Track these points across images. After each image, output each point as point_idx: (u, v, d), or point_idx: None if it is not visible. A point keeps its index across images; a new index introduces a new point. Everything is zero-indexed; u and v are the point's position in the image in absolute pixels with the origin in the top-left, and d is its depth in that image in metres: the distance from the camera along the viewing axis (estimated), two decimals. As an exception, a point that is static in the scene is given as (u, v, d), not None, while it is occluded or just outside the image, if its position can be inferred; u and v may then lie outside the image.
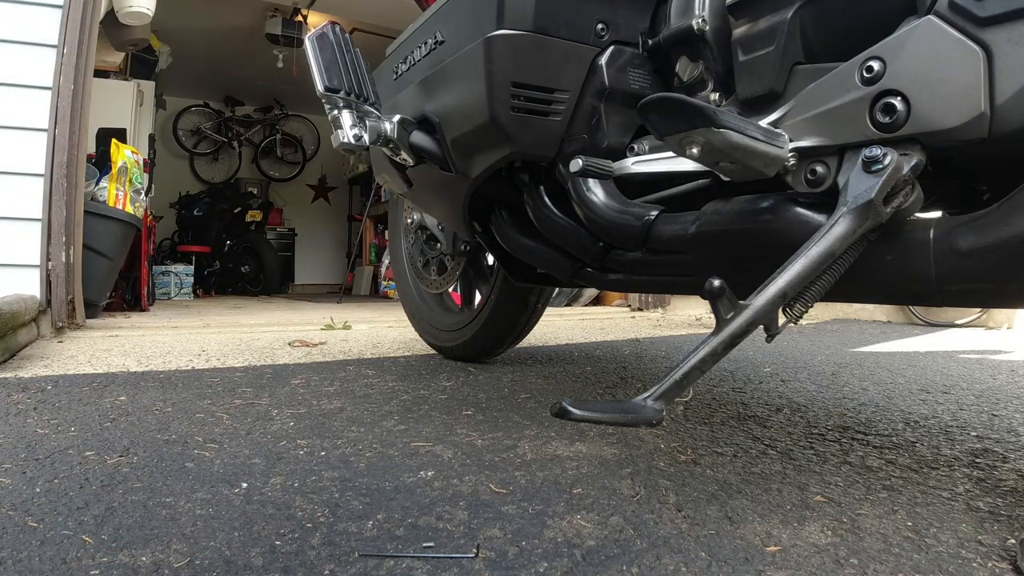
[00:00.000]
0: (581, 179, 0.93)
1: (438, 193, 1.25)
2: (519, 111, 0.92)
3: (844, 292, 0.69)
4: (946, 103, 0.58)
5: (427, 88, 1.11)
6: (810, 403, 1.29)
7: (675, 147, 0.67)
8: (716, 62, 0.85)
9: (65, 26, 2.28)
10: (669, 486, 0.79)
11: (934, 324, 3.37)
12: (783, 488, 0.79)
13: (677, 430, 1.06)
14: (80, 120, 2.32)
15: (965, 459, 0.93)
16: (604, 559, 0.59)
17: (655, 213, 0.87)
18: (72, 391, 1.30)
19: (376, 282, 6.36)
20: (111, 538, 0.62)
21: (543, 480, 0.81)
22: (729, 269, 0.79)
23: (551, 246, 1.09)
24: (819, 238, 0.60)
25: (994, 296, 0.65)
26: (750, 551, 0.61)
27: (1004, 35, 0.55)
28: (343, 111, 1.01)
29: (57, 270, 2.26)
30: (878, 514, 0.71)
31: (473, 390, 1.37)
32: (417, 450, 0.93)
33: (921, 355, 2.10)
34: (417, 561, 0.59)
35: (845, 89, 0.64)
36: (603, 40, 0.94)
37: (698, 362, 0.58)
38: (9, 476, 0.79)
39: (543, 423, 1.09)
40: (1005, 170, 0.61)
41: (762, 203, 0.73)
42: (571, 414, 0.52)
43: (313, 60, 1.02)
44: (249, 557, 0.59)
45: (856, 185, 0.61)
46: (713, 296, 0.59)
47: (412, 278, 1.88)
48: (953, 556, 0.61)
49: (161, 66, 4.85)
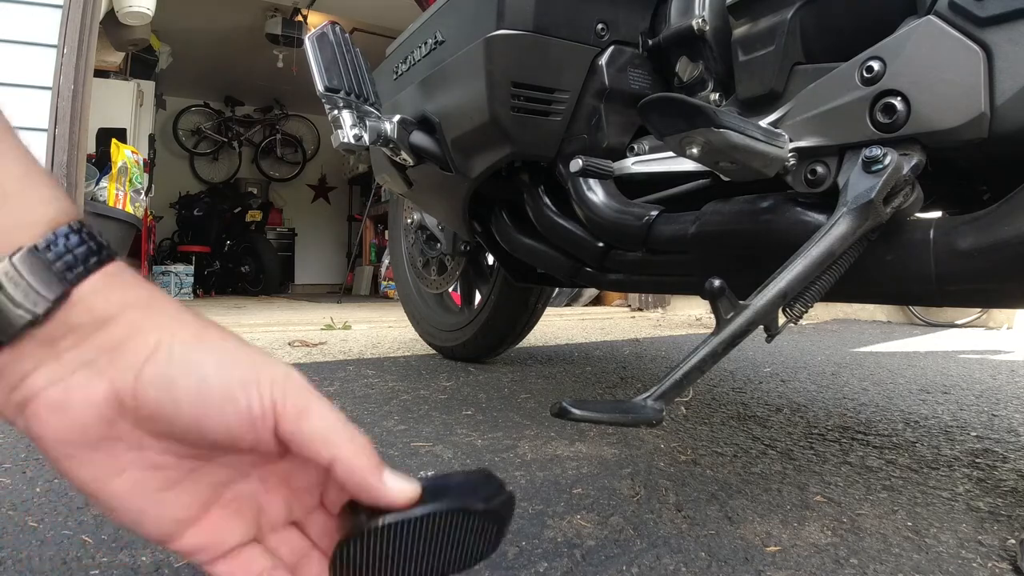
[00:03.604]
0: (581, 179, 0.93)
1: (438, 193, 1.25)
2: (519, 111, 0.92)
3: (844, 292, 0.69)
4: (946, 103, 0.58)
5: (427, 88, 1.11)
6: (810, 403, 1.29)
7: (675, 147, 0.67)
8: (716, 62, 0.85)
9: (65, 26, 2.29)
10: (669, 486, 0.79)
11: (934, 324, 3.37)
12: (783, 488, 0.79)
13: (677, 430, 1.06)
14: (80, 120, 2.32)
15: (965, 459, 0.93)
16: (604, 559, 0.60)
17: (655, 213, 0.87)
18: (72, 391, 1.30)
19: (376, 282, 6.36)
20: (111, 538, 0.62)
21: (543, 480, 0.81)
22: (729, 269, 0.79)
23: (551, 246, 1.09)
24: (819, 238, 0.60)
25: (994, 296, 0.65)
26: (750, 551, 0.61)
27: (1004, 35, 0.55)
28: (343, 111, 1.01)
29: (57, 270, 2.26)
30: (878, 514, 0.71)
31: (473, 390, 1.37)
32: (417, 450, 0.93)
33: (921, 355, 2.10)
34: (417, 561, 0.59)
35: (845, 89, 0.64)
36: (603, 40, 0.94)
37: (698, 362, 0.58)
38: (9, 476, 0.79)
39: (543, 423, 1.09)
40: (1005, 170, 0.61)
41: (762, 203, 0.73)
42: (571, 414, 0.52)
43: (313, 60, 1.02)
44: (249, 557, 0.59)
45: (856, 185, 0.61)
46: (713, 296, 0.59)
47: (412, 278, 1.88)
48: (953, 556, 0.61)
49: (161, 66, 4.86)
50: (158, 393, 0.28)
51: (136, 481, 0.30)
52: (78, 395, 0.28)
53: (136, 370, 0.28)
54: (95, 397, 0.28)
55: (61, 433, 0.28)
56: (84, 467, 0.29)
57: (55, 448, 0.28)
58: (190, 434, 0.29)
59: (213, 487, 0.32)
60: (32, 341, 0.27)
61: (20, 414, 0.28)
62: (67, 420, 0.28)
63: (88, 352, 0.28)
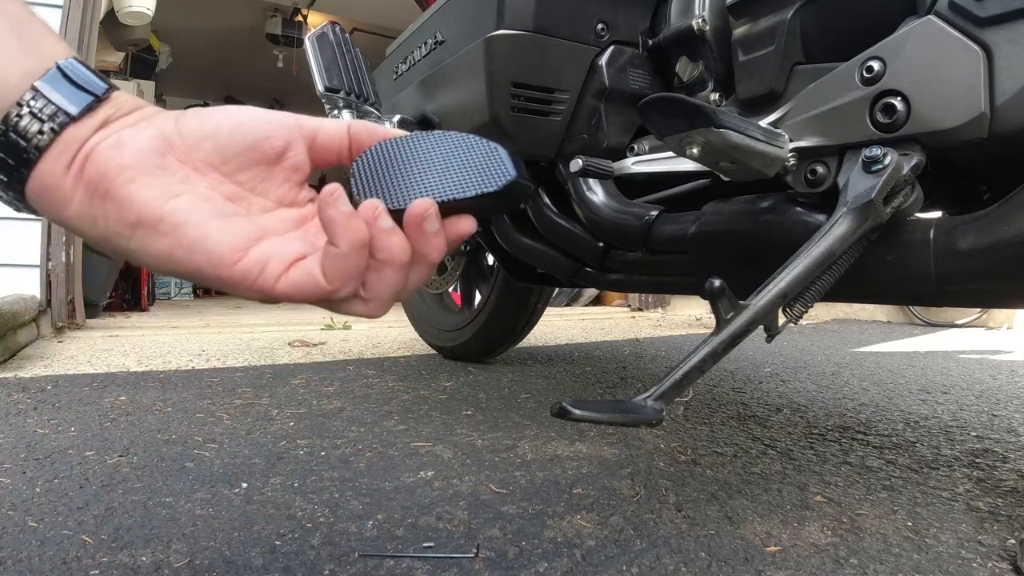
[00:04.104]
0: (581, 179, 0.93)
1: (438, 193, 1.25)
2: (519, 111, 0.92)
3: (844, 292, 0.69)
4: (946, 103, 0.58)
5: (427, 88, 1.11)
6: (810, 403, 1.29)
7: (675, 147, 0.67)
8: (716, 62, 0.85)
9: (65, 26, 2.28)
10: (669, 486, 0.79)
11: (934, 324, 3.37)
12: (783, 488, 0.79)
13: (677, 430, 1.06)
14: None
15: (965, 459, 0.93)
16: (604, 559, 0.60)
17: (655, 213, 0.87)
18: (72, 391, 1.30)
19: (376, 282, 6.35)
20: (111, 538, 0.62)
21: (543, 480, 0.81)
22: (729, 269, 0.79)
23: (551, 246, 1.09)
24: (819, 238, 0.60)
25: (994, 296, 0.65)
26: (750, 551, 0.61)
27: (1004, 35, 0.55)
28: (343, 111, 1.01)
29: (57, 270, 2.26)
30: (878, 514, 0.71)
31: (473, 390, 1.37)
32: (417, 450, 0.93)
33: (921, 355, 2.10)
34: (417, 561, 0.59)
35: (845, 89, 0.64)
36: (603, 40, 0.94)
37: (698, 362, 0.58)
38: (9, 476, 0.79)
39: (543, 423, 1.09)
40: (1005, 170, 0.61)
41: (762, 203, 0.73)
42: (571, 414, 0.52)
43: (313, 60, 1.02)
44: (249, 557, 0.59)
45: (856, 185, 0.61)
46: (713, 296, 0.59)
47: (412, 278, 1.88)
48: (953, 556, 0.61)
49: (161, 66, 4.86)
50: (197, 123, 0.35)
51: (194, 203, 0.34)
52: (131, 137, 0.34)
53: (174, 119, 0.35)
54: (144, 138, 0.34)
55: (124, 159, 0.33)
56: (146, 188, 0.33)
57: (119, 175, 0.33)
58: (231, 145, 0.35)
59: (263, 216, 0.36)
60: (92, 117, 0.34)
61: (80, 177, 0.33)
62: (126, 151, 0.33)
63: (131, 120, 0.35)
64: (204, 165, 0.35)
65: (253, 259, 0.33)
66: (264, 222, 0.36)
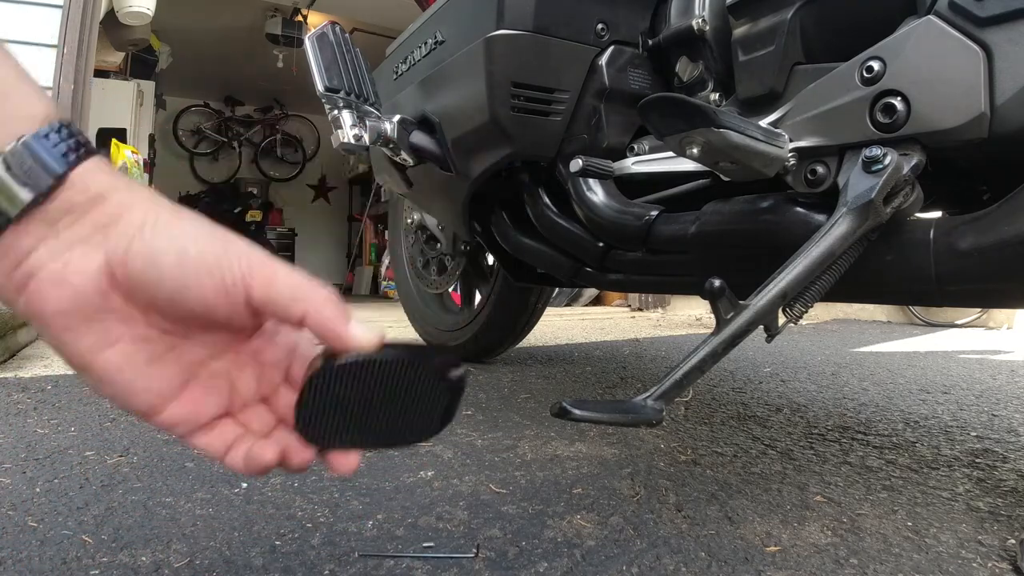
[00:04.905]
0: (581, 179, 0.93)
1: (438, 193, 1.25)
2: (519, 111, 0.92)
3: (844, 292, 0.69)
4: (946, 103, 0.58)
5: (427, 88, 1.11)
6: (810, 403, 1.29)
7: (675, 147, 0.67)
8: (716, 62, 0.85)
9: (65, 26, 2.28)
10: (669, 486, 0.79)
11: (934, 324, 3.37)
12: (783, 488, 0.79)
13: (677, 430, 1.06)
14: (80, 120, 2.32)
15: (965, 459, 0.93)
16: (604, 559, 0.60)
17: (655, 213, 0.87)
18: (72, 391, 1.30)
19: (376, 282, 6.35)
20: (111, 538, 0.62)
21: (543, 480, 0.81)
22: (729, 269, 0.79)
23: (551, 246, 1.09)
24: (819, 238, 0.60)
25: (994, 296, 0.65)
26: (750, 551, 0.61)
27: (1004, 35, 0.55)
28: (343, 111, 1.01)
29: (57, 270, 2.26)
30: (878, 514, 0.71)
31: (473, 390, 1.37)
32: (417, 450, 0.93)
33: (921, 355, 2.10)
34: (417, 561, 0.59)
35: (845, 89, 0.64)
36: (603, 40, 0.94)
37: (698, 362, 0.58)
38: (9, 476, 0.79)
39: (543, 423, 1.09)
40: (1005, 170, 0.61)
41: (762, 203, 0.73)
42: (571, 414, 0.52)
43: (313, 60, 1.02)
44: (249, 557, 0.59)
45: (856, 185, 0.61)
46: (713, 296, 0.59)
47: (412, 278, 1.88)
48: (953, 556, 0.61)
49: (161, 66, 4.85)
50: (144, 265, 0.31)
51: (126, 354, 0.33)
52: (76, 267, 0.31)
53: (127, 243, 0.32)
54: (91, 269, 0.31)
55: (61, 304, 0.31)
56: (81, 338, 0.32)
57: (55, 321, 0.31)
58: (173, 304, 0.32)
59: (191, 365, 0.35)
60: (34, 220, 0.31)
61: (21, 293, 0.31)
62: (66, 292, 0.31)
63: (84, 229, 0.32)
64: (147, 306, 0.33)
65: (169, 416, 0.35)
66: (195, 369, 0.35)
